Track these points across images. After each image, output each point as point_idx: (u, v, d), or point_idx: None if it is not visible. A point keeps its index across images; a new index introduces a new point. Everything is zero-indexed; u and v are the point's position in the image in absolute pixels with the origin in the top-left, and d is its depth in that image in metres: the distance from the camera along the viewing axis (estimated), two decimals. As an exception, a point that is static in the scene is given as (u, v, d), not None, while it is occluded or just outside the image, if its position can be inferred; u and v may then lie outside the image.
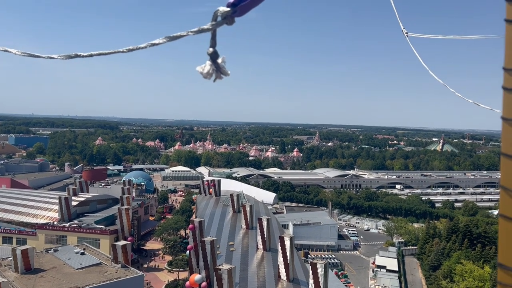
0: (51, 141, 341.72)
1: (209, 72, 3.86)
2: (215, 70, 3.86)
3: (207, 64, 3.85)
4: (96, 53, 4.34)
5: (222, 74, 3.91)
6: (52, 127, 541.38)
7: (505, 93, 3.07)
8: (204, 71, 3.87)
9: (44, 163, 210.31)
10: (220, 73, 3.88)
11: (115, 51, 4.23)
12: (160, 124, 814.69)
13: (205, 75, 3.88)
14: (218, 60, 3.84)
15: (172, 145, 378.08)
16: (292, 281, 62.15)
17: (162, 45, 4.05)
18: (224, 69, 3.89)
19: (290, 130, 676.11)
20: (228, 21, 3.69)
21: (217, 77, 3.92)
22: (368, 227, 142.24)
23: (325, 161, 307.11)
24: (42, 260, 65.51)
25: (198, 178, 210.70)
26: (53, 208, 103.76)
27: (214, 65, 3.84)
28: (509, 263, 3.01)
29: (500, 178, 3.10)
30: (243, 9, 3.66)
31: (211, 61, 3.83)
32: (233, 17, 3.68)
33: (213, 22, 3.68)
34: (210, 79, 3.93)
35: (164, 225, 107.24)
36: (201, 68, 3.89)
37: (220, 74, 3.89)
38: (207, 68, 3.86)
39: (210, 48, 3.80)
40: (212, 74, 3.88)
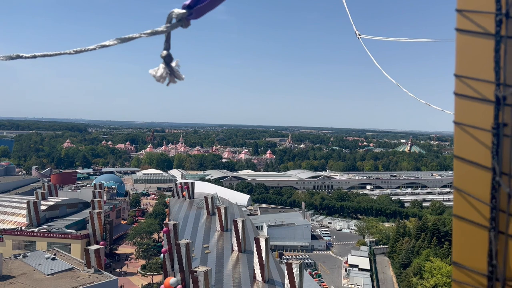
0: (16, 144, 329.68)
1: (163, 76, 3.73)
2: (168, 73, 3.74)
3: (161, 67, 3.73)
4: (40, 54, 4.07)
5: (176, 78, 3.79)
6: (17, 129, 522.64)
7: (457, 99, 3.12)
8: (158, 74, 3.74)
9: (10, 167, 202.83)
10: (174, 76, 3.77)
11: (62, 52, 4.01)
12: (130, 126, 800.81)
13: (158, 78, 3.74)
14: (172, 64, 3.73)
15: (143, 147, 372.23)
16: (267, 282, 62.59)
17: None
18: (178, 73, 3.78)
19: (263, 132, 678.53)
20: (184, 23, 3.59)
21: (171, 80, 3.78)
22: (340, 227, 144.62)
23: (297, 163, 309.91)
24: (10, 266, 63.43)
25: (171, 181, 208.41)
26: (20, 213, 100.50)
27: (168, 69, 3.72)
28: (463, 261, 3.10)
29: (453, 180, 3.21)
30: (199, 11, 3.57)
31: (165, 64, 3.71)
32: (189, 19, 3.59)
33: (168, 24, 3.56)
34: (163, 83, 3.78)
35: (137, 228, 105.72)
36: (154, 71, 3.76)
37: (174, 78, 3.77)
38: (161, 71, 3.74)
39: (164, 51, 3.69)
40: (166, 77, 3.74)
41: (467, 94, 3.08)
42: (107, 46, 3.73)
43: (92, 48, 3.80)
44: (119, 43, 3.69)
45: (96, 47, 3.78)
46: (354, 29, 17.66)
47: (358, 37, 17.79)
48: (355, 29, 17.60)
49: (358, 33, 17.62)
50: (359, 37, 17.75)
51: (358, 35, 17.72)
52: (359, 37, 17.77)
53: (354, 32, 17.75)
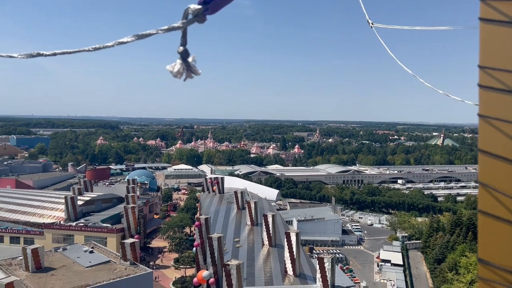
0: (52, 141, 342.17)
1: (179, 71, 3.78)
2: (185, 69, 3.79)
3: (178, 63, 3.78)
4: (59, 52, 4.15)
5: (193, 73, 3.84)
6: (52, 127, 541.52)
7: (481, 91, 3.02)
8: (174, 70, 3.79)
9: (47, 164, 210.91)
10: (190, 72, 3.81)
11: (81, 49, 4.04)
12: (160, 123, 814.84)
13: (175, 74, 3.79)
14: (188, 59, 3.77)
15: (173, 143, 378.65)
16: (298, 276, 62.80)
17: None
18: (195, 68, 3.83)
19: (290, 127, 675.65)
20: (200, 19, 3.60)
21: (188, 76, 3.84)
22: (372, 222, 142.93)
23: (326, 157, 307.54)
24: (51, 259, 66.19)
25: (201, 176, 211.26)
26: (59, 207, 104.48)
27: (184, 64, 3.77)
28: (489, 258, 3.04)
29: (478, 175, 3.11)
30: (215, 6, 3.58)
31: (182, 60, 3.75)
32: (205, 15, 3.60)
33: (184, 20, 3.58)
34: (180, 78, 3.84)
35: (169, 223, 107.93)
36: (171, 66, 3.81)
37: (190, 73, 3.82)
38: (178, 67, 3.78)
39: (180, 46, 3.71)
40: (183, 73, 3.80)
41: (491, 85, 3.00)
42: (124, 42, 3.79)
43: (110, 45, 3.85)
44: (136, 40, 3.74)
45: (114, 44, 3.83)
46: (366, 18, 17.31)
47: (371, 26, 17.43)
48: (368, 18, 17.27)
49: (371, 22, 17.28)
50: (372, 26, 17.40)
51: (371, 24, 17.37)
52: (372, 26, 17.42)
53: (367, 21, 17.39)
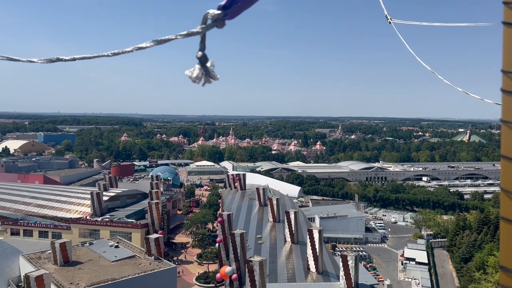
0: (78, 138, 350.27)
1: (198, 76, 3.81)
2: (204, 74, 3.80)
3: (196, 68, 3.79)
4: (79, 57, 4.21)
5: (211, 78, 3.85)
6: (78, 124, 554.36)
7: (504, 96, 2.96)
8: (193, 75, 3.81)
9: (73, 160, 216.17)
10: (209, 77, 3.82)
11: (99, 54, 4.10)
12: (182, 120, 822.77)
13: (194, 79, 3.82)
14: (207, 64, 3.78)
15: (195, 140, 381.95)
16: (321, 273, 62.45)
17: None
18: (213, 73, 3.83)
19: (312, 123, 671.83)
20: (219, 24, 3.61)
21: (206, 81, 3.86)
22: (395, 219, 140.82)
23: (349, 154, 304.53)
24: (78, 253, 67.77)
25: (223, 172, 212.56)
26: (85, 203, 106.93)
27: (203, 69, 3.78)
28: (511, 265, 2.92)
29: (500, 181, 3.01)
30: (234, 12, 3.59)
31: (200, 65, 3.77)
32: (224, 20, 3.61)
33: (203, 25, 3.60)
34: (199, 83, 3.86)
35: (192, 219, 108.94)
36: (190, 72, 3.83)
37: (209, 78, 3.83)
38: (196, 72, 3.80)
39: (199, 51, 3.73)
40: (201, 78, 3.81)
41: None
42: (143, 48, 3.85)
43: (129, 50, 3.91)
44: (155, 45, 3.77)
45: (133, 49, 3.89)
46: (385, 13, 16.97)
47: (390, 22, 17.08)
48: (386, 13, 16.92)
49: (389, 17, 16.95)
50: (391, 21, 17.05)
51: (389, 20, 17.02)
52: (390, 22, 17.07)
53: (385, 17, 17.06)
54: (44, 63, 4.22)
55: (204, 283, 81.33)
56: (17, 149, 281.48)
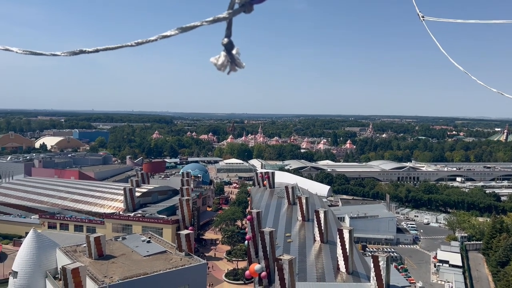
0: (111, 135, 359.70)
1: (224, 64, 3.73)
2: (229, 61, 3.72)
3: (222, 55, 3.71)
4: (102, 48, 4.20)
5: (237, 66, 3.77)
6: (111, 122, 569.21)
7: None
8: (219, 62, 3.73)
9: (107, 156, 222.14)
10: (234, 65, 3.75)
11: (123, 45, 4.09)
12: (212, 118, 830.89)
13: (219, 66, 3.74)
14: (232, 51, 3.69)
15: (225, 138, 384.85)
16: (351, 274, 61.66)
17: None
18: (239, 61, 3.75)
19: (342, 121, 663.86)
20: (247, 8, 3.51)
21: (232, 69, 3.79)
22: (428, 220, 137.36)
23: (379, 153, 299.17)
24: (112, 247, 69.63)
25: (251, 170, 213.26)
26: (118, 198, 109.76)
27: (228, 56, 3.70)
28: None
29: None
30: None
31: (226, 52, 3.69)
32: (252, 4, 3.50)
33: (230, 10, 3.50)
34: (224, 71, 3.79)
35: (221, 215, 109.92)
36: (215, 59, 3.75)
37: (234, 66, 3.76)
38: (222, 59, 3.72)
39: (225, 38, 3.64)
40: (227, 65, 3.74)
41: None
42: (168, 36, 3.79)
43: (153, 39, 3.88)
44: (180, 33, 3.73)
45: (157, 37, 3.86)
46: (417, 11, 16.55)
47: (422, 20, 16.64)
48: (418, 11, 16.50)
49: (421, 15, 16.52)
50: (423, 19, 16.60)
51: (421, 17, 16.58)
52: (422, 20, 16.62)
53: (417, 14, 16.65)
54: (67, 55, 4.29)
55: (233, 280, 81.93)
56: (53, 145, 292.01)
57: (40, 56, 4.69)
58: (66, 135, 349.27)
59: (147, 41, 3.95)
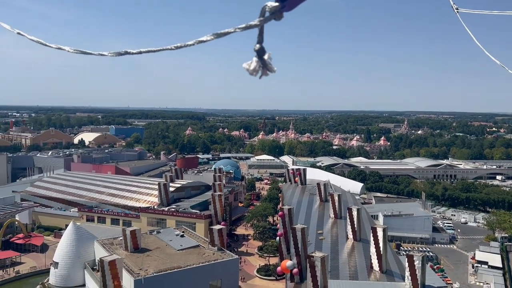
0: (146, 131, 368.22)
1: (256, 69, 3.86)
2: (261, 66, 3.85)
3: (254, 61, 3.84)
4: (145, 50, 4.41)
5: (268, 71, 3.90)
6: (146, 118, 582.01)
7: None
8: (251, 67, 3.86)
9: (142, 152, 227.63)
10: (266, 69, 3.88)
11: (164, 48, 4.27)
12: (243, 114, 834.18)
13: (251, 71, 3.87)
14: (264, 57, 3.82)
15: (256, 134, 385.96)
16: (385, 273, 60.64)
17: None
18: (270, 66, 3.87)
19: (375, 117, 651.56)
20: (277, 16, 3.63)
21: (263, 73, 3.91)
22: (466, 220, 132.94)
23: (415, 150, 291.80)
24: (147, 240, 71.45)
25: (282, 166, 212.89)
26: (152, 193, 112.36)
27: (260, 62, 3.82)
28: None
29: None
30: (292, 3, 3.59)
31: (258, 58, 3.82)
32: (282, 12, 3.61)
33: (261, 17, 3.62)
34: (256, 76, 3.92)
35: (253, 211, 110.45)
36: (247, 64, 3.88)
37: (266, 70, 3.88)
38: (254, 64, 3.85)
39: (257, 44, 3.77)
40: (259, 70, 3.87)
41: None
42: (204, 41, 3.98)
43: (191, 43, 4.07)
44: (215, 38, 3.89)
45: (194, 42, 4.04)
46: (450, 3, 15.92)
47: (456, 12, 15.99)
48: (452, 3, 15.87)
49: (455, 7, 15.88)
50: (457, 11, 15.95)
51: (455, 9, 15.93)
52: (456, 12, 15.97)
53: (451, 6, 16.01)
54: (114, 56, 4.52)
55: (264, 275, 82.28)
56: (91, 141, 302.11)
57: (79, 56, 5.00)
58: (103, 131, 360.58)
59: (185, 45, 4.16)
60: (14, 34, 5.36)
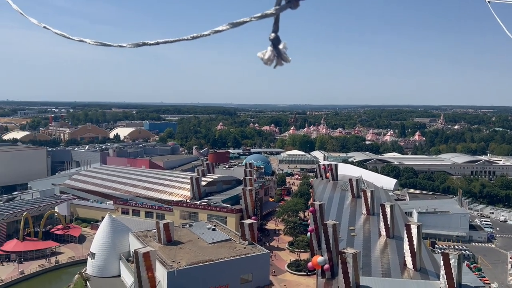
0: (179, 126, 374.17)
1: (270, 58, 3.84)
2: (276, 56, 3.82)
3: (269, 50, 3.82)
4: (162, 41, 4.41)
5: (283, 61, 3.87)
6: (178, 114, 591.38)
7: None
8: (265, 57, 3.84)
9: (175, 147, 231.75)
10: (281, 59, 3.85)
11: (180, 38, 4.28)
12: (274, 109, 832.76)
13: (266, 61, 3.85)
14: (279, 46, 3.79)
15: (286, 129, 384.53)
16: (419, 271, 59.43)
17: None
18: (285, 55, 3.85)
19: (410, 112, 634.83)
20: (292, 4, 3.59)
21: (278, 63, 3.89)
22: (505, 218, 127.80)
23: (451, 146, 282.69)
24: (179, 233, 72.83)
25: (313, 162, 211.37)
26: (185, 187, 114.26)
27: (275, 51, 3.80)
28: None
29: None
30: None
31: (273, 47, 3.79)
32: (298, 0, 3.57)
33: (277, 6, 3.60)
34: (270, 65, 3.90)
35: (283, 206, 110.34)
36: (262, 54, 3.85)
37: (281, 60, 3.85)
38: (268, 54, 3.83)
39: (272, 33, 3.74)
40: (273, 60, 3.85)
41: None
42: (220, 31, 3.96)
43: (207, 33, 4.06)
44: (231, 28, 3.89)
45: (210, 32, 4.03)
46: None
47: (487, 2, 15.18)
48: None
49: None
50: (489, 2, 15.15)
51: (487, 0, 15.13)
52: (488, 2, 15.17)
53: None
54: (132, 47, 4.59)
55: (295, 270, 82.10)
56: (126, 136, 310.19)
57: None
58: (137, 126, 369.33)
59: (201, 35, 4.18)
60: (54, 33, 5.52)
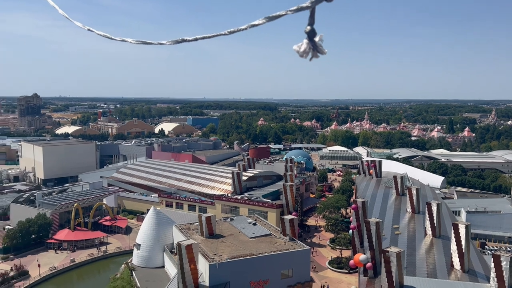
0: (220, 122, 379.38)
1: (306, 51, 3.88)
2: (311, 48, 3.86)
3: (304, 43, 3.87)
4: (200, 37, 4.50)
5: (319, 53, 3.88)
6: (220, 109, 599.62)
7: None
8: (301, 49, 3.88)
9: (217, 142, 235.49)
10: (316, 51, 3.87)
11: (218, 34, 4.32)
12: (315, 104, 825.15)
13: (302, 53, 3.88)
14: (315, 39, 3.82)
15: (328, 124, 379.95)
16: (467, 272, 57.01)
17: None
18: (321, 48, 3.87)
19: (459, 107, 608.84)
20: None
21: (314, 55, 3.91)
22: None
23: (504, 142, 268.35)
24: (221, 227, 73.84)
25: (356, 158, 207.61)
26: (226, 181, 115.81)
27: (311, 44, 3.84)
28: None
29: None
30: None
31: (308, 40, 3.83)
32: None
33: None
34: (306, 58, 3.93)
35: (325, 203, 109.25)
36: (297, 46, 3.90)
37: (316, 52, 3.87)
38: (304, 46, 3.87)
39: (308, 26, 3.79)
40: (309, 52, 3.88)
41: None
42: (256, 25, 4.02)
43: (244, 28, 4.12)
44: (267, 22, 3.94)
45: (247, 27, 4.09)
46: None
47: None
48: None
49: None
50: None
51: None
52: None
53: None
54: (171, 44, 4.70)
55: (337, 267, 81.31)
56: (170, 130, 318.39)
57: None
58: (181, 121, 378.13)
59: (238, 29, 4.27)
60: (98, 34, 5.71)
